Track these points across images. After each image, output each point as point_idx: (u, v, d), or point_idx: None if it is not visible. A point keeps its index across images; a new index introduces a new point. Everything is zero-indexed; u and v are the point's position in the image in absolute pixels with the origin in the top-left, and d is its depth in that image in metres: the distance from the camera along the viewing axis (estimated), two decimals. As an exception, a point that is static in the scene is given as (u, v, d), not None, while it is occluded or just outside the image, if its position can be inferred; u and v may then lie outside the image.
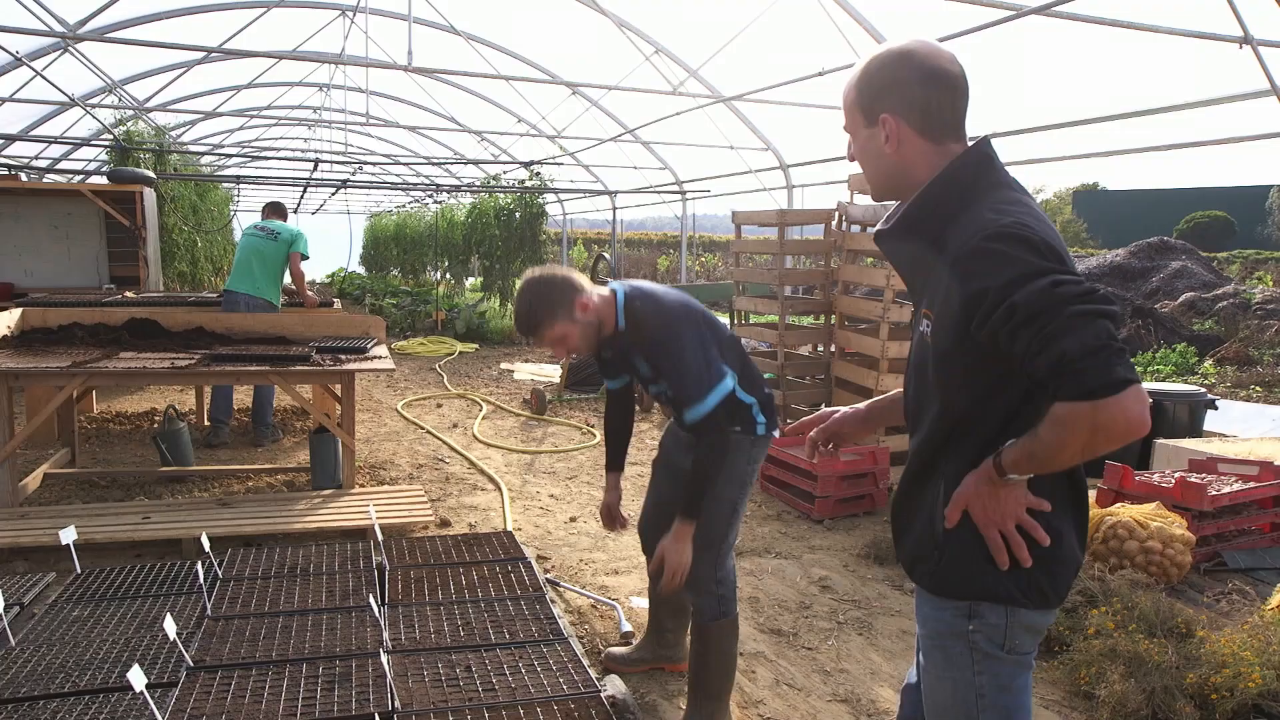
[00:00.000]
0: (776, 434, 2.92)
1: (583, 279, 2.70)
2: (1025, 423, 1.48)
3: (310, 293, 7.14)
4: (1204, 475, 4.79)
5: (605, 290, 2.74)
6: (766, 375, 7.07)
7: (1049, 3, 5.81)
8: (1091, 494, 4.31)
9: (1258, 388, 10.75)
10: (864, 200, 6.13)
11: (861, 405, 2.08)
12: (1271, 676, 2.96)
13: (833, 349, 6.33)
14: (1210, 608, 3.91)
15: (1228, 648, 3.12)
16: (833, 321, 6.37)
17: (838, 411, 2.10)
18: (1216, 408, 6.54)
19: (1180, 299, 14.70)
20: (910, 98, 1.57)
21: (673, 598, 3.26)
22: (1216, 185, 32.34)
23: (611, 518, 3.21)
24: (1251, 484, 4.67)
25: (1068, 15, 6.02)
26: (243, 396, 7.34)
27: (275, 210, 7.10)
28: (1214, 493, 4.45)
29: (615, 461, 3.21)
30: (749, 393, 2.83)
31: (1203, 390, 6.53)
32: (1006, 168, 1.64)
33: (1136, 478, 4.65)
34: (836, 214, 6.34)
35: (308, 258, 6.83)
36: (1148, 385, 6.53)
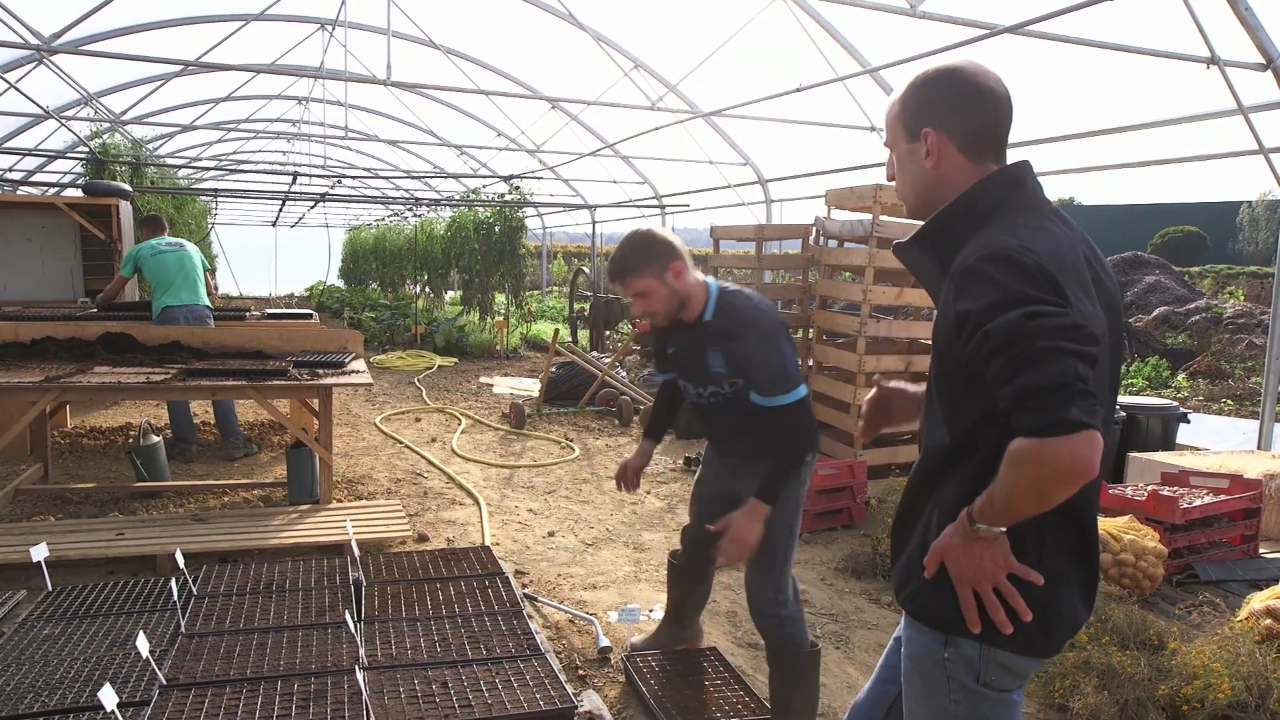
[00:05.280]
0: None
1: (688, 255, 2.77)
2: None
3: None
4: (1176, 488, 4.86)
5: (702, 277, 2.81)
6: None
7: (1021, 23, 5.90)
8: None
9: (1229, 401, 10.91)
10: (841, 215, 6.18)
11: (911, 389, 1.99)
12: (1240, 687, 3.00)
13: (810, 363, 6.36)
14: (1182, 620, 3.95)
15: (1198, 659, 3.15)
16: (810, 336, 6.41)
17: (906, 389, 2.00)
18: (1189, 421, 6.64)
19: (1154, 313, 14.91)
20: (954, 114, 1.57)
21: (698, 591, 3.42)
22: (1189, 201, 32.82)
23: (628, 479, 3.24)
24: (1222, 497, 4.74)
25: (1040, 35, 6.11)
26: (199, 411, 7.26)
27: (159, 225, 6.99)
28: (1186, 506, 4.51)
29: (654, 432, 3.31)
30: None
31: (1175, 404, 6.62)
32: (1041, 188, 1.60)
33: (1110, 490, 4.70)
34: (814, 229, 6.39)
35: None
36: (1122, 399, 6.61)
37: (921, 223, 1.65)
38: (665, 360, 3.06)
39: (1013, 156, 1.64)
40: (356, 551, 4.00)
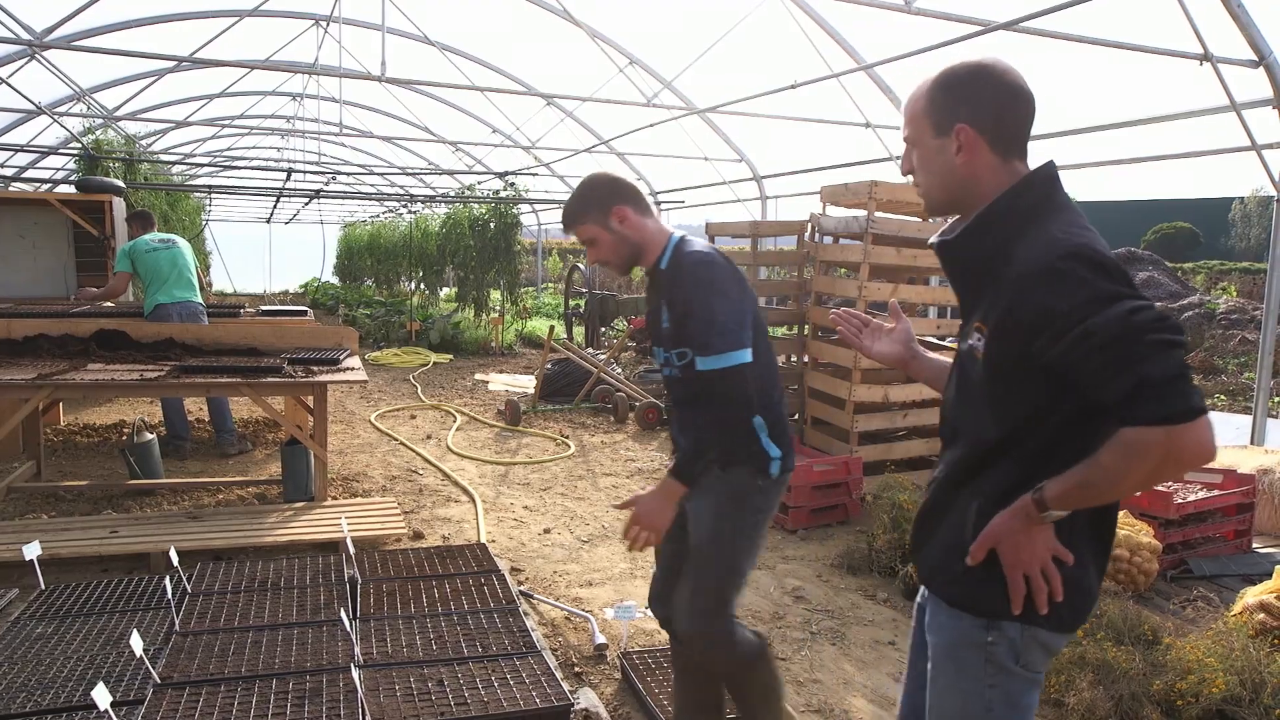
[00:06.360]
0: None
1: (644, 200, 2.57)
2: (1065, 454, 1.48)
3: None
4: (1170, 483, 4.87)
5: (667, 225, 2.59)
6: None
7: (1016, 19, 5.90)
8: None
9: (1222, 396, 10.95)
10: (836, 212, 6.18)
11: (915, 346, 2.02)
12: (1235, 682, 3.01)
13: (806, 359, 6.36)
14: (1176, 615, 3.97)
15: (1193, 654, 3.16)
16: (805, 332, 6.41)
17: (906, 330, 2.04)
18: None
19: (1147, 309, 14.93)
20: (987, 111, 1.58)
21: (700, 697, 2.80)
22: (1182, 197, 32.92)
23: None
24: (1216, 492, 4.76)
25: (1034, 31, 6.11)
26: (193, 408, 7.25)
27: (149, 220, 6.95)
28: (1180, 501, 4.52)
29: None
30: (759, 410, 2.45)
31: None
32: None
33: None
34: (809, 225, 6.39)
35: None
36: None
37: (936, 218, 1.67)
38: (649, 330, 2.69)
39: None
40: (351, 549, 3.99)
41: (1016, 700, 1.62)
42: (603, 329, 14.10)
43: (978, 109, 1.58)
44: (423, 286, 19.34)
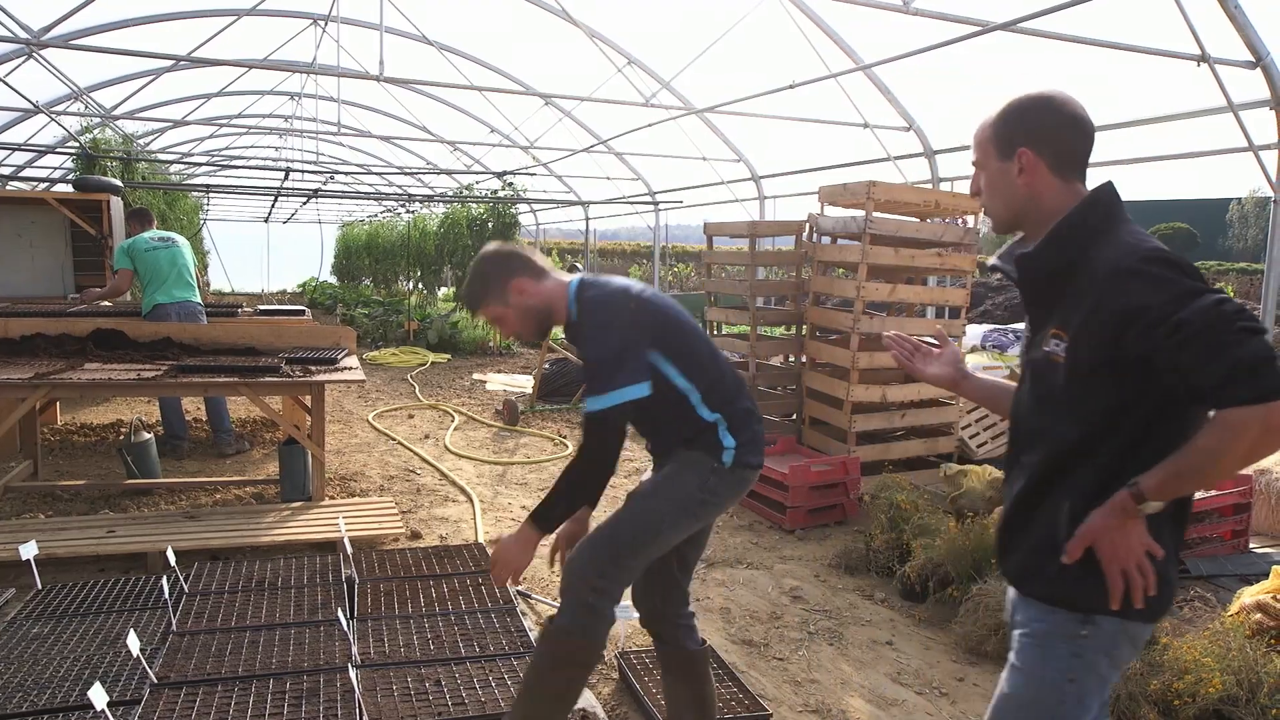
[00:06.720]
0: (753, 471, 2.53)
1: (541, 261, 2.54)
2: (1149, 449, 1.58)
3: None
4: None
5: (564, 277, 2.54)
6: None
7: (1014, 20, 5.91)
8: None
9: (1220, 397, 10.95)
10: (834, 212, 6.19)
11: (963, 367, 2.16)
12: (1231, 682, 3.01)
13: (804, 359, 6.37)
14: (1173, 615, 3.97)
15: (1190, 654, 3.17)
16: (804, 332, 6.42)
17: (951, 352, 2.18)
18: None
19: (1145, 310, 14.95)
20: (1048, 136, 1.72)
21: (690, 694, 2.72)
22: (1179, 198, 32.90)
23: (558, 550, 2.69)
24: (1213, 492, 4.76)
25: (1032, 32, 6.12)
26: (191, 407, 7.25)
27: (148, 218, 6.90)
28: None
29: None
30: (715, 409, 2.46)
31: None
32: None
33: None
34: (807, 225, 6.39)
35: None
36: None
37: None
38: None
39: None
40: (349, 549, 3.99)
41: (1086, 699, 1.69)
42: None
43: (1038, 134, 1.72)
44: (420, 286, 19.32)
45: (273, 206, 22.71)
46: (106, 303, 7.35)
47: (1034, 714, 1.71)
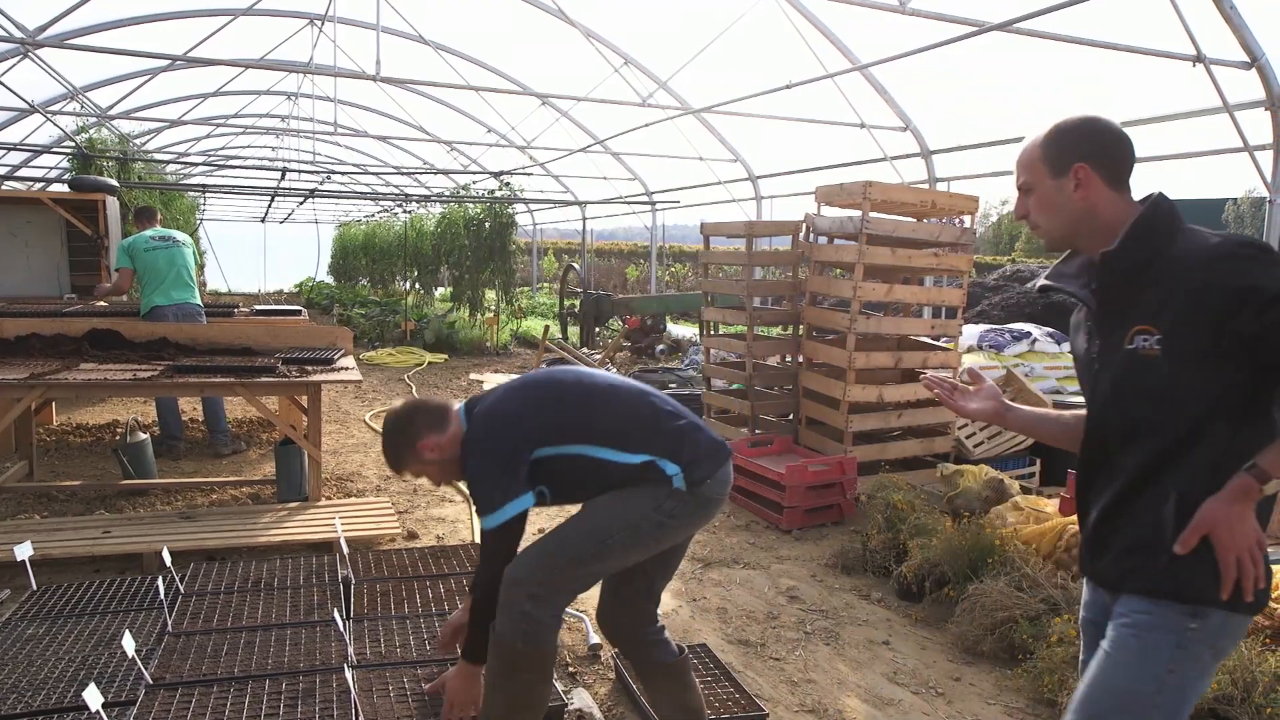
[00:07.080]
0: (711, 494, 2.47)
1: (440, 413, 2.55)
2: (1250, 432, 1.64)
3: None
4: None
5: (460, 420, 2.57)
6: (734, 386, 7.13)
7: (1010, 20, 5.92)
8: (1054, 502, 4.38)
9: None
10: (831, 212, 6.19)
11: (1005, 400, 2.19)
12: (1226, 681, 3.02)
13: (800, 359, 6.37)
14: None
15: (1185, 654, 3.17)
16: (800, 332, 6.42)
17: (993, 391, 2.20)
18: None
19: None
20: (1100, 151, 1.81)
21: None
22: (1175, 198, 32.87)
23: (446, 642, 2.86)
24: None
25: (1028, 32, 6.13)
26: (188, 407, 7.24)
27: (152, 216, 6.89)
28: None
29: None
30: (639, 450, 2.44)
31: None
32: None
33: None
34: (804, 226, 6.39)
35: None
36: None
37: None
38: None
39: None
40: (345, 549, 3.98)
41: (1186, 690, 1.70)
42: (598, 329, 14.10)
43: (1092, 149, 1.80)
44: (418, 286, 19.33)
45: (269, 206, 22.70)
46: (103, 303, 7.34)
47: (1128, 702, 1.71)
